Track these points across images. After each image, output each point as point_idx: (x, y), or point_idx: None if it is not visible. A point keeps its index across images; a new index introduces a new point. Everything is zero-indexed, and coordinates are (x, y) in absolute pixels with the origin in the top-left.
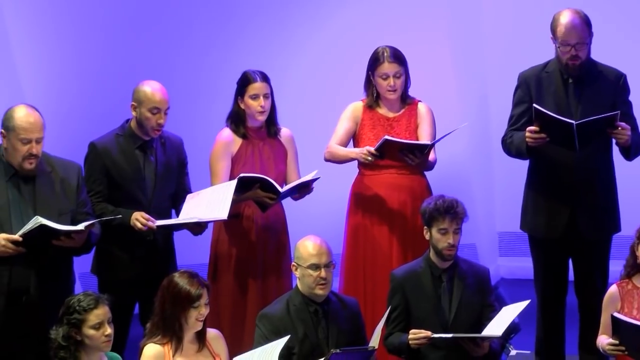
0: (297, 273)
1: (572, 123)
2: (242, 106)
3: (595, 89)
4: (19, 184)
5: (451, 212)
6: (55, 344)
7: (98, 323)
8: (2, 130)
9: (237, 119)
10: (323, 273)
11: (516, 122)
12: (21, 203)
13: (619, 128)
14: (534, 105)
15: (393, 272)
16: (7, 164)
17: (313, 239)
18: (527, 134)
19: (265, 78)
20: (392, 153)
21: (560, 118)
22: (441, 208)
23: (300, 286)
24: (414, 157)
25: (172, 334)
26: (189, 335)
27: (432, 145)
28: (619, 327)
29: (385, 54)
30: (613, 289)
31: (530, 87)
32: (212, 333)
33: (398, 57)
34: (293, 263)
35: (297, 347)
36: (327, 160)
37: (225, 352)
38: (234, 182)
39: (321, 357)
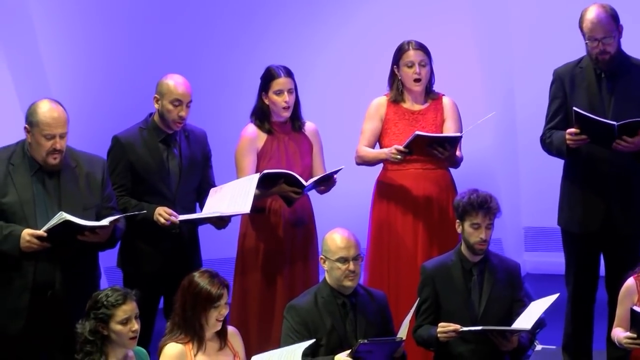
0: (325, 266)
1: (614, 125)
2: (266, 102)
3: (627, 83)
4: (44, 179)
5: (484, 207)
6: (81, 339)
7: (125, 318)
8: (26, 126)
9: (261, 115)
10: (351, 266)
11: (552, 119)
12: (46, 198)
13: None
14: (574, 109)
15: (424, 265)
16: (31, 158)
17: (341, 232)
18: (568, 136)
19: (289, 73)
20: (421, 148)
21: (602, 120)
22: (475, 203)
23: (328, 279)
24: (443, 151)
25: (193, 334)
26: (209, 334)
27: (461, 137)
28: (638, 321)
29: (411, 44)
30: (630, 281)
31: (564, 82)
32: (230, 330)
33: (423, 47)
34: (321, 256)
35: (324, 339)
36: (358, 164)
37: (242, 349)
38: (257, 176)
39: (349, 349)
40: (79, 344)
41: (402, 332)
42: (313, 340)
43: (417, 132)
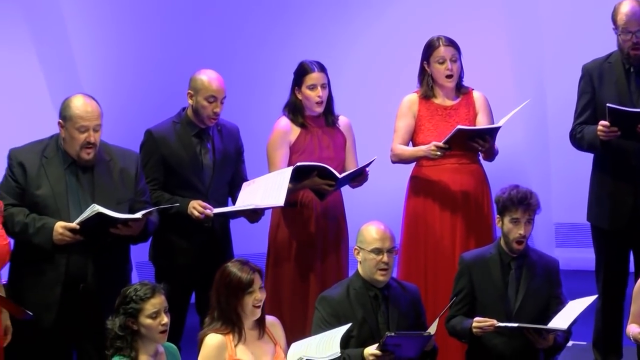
0: (358, 257)
1: None
2: (299, 96)
3: None
4: (77, 173)
5: (524, 202)
6: (111, 334)
7: (155, 312)
8: (60, 120)
9: (294, 109)
10: (385, 258)
11: (581, 115)
12: (79, 191)
13: None
14: (608, 105)
15: (462, 255)
16: (65, 152)
17: (377, 224)
18: (600, 127)
19: (322, 68)
20: (460, 142)
21: (634, 111)
22: (515, 198)
23: (361, 270)
24: (484, 143)
25: (232, 325)
26: (248, 323)
27: (500, 127)
28: None
29: (441, 40)
30: None
31: (593, 77)
32: (270, 320)
33: (453, 42)
34: (355, 247)
35: (355, 330)
36: (394, 162)
37: (284, 339)
38: (290, 169)
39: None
40: (109, 339)
41: (432, 328)
42: (350, 324)
43: (459, 127)
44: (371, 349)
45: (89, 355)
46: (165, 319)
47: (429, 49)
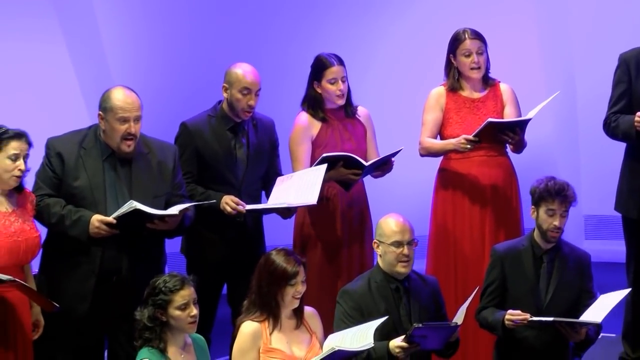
0: (378, 250)
1: None
2: (318, 90)
3: None
4: (116, 165)
5: (562, 194)
6: (140, 325)
7: (184, 304)
8: (100, 112)
9: (314, 103)
10: (405, 250)
11: (616, 104)
12: (117, 184)
13: None
14: None
15: (494, 247)
16: (104, 143)
17: (396, 217)
18: (637, 118)
19: (341, 61)
20: (490, 135)
21: None
22: (552, 189)
23: (381, 263)
24: (514, 135)
25: (269, 311)
26: (286, 313)
27: (530, 119)
28: None
29: (467, 33)
30: None
31: (630, 66)
32: (308, 311)
33: (478, 35)
34: (375, 240)
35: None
36: (422, 156)
37: (321, 330)
38: (324, 167)
39: (402, 334)
40: (138, 330)
41: (459, 318)
42: (386, 317)
43: (490, 119)
44: (397, 341)
45: (121, 346)
46: (194, 311)
47: (455, 42)
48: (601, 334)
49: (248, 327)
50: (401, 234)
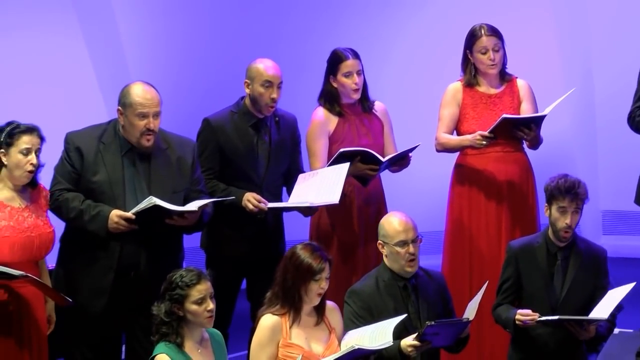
0: (384, 251)
1: None
2: (334, 84)
3: None
4: (135, 160)
5: (572, 192)
6: (157, 320)
7: (200, 298)
8: (119, 107)
9: (330, 98)
10: (411, 248)
11: None
12: (135, 179)
13: None
14: None
15: (510, 243)
16: (123, 139)
17: (398, 215)
18: None
19: (356, 55)
20: (505, 131)
21: None
22: (562, 187)
23: (387, 262)
24: (529, 132)
25: (290, 305)
26: (307, 308)
27: (545, 116)
28: None
29: (483, 29)
30: None
31: None
32: (329, 305)
33: (495, 31)
34: (379, 241)
35: None
36: (438, 151)
37: (341, 325)
38: (347, 165)
39: (412, 331)
40: (155, 325)
41: (470, 313)
42: (405, 316)
43: (505, 115)
44: (408, 340)
45: (138, 341)
46: (211, 305)
47: (472, 38)
48: (619, 330)
49: (268, 321)
50: (405, 233)
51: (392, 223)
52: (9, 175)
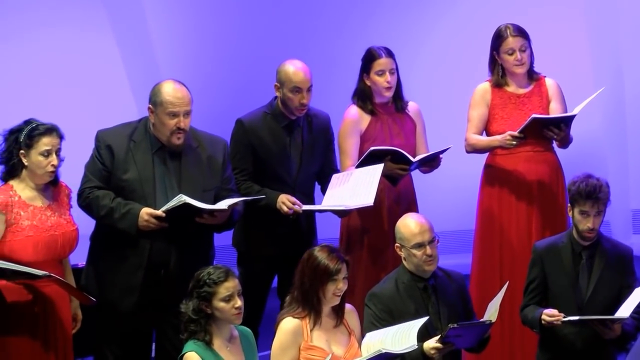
0: (401, 253)
1: None
2: (367, 83)
3: None
4: (165, 158)
5: (593, 196)
6: (185, 318)
7: (228, 295)
8: (150, 106)
9: (363, 96)
10: (428, 250)
11: None
12: (166, 177)
13: None
14: None
15: (535, 244)
16: (153, 137)
17: (414, 217)
18: None
19: (390, 53)
20: (535, 131)
21: None
22: (583, 192)
23: (406, 264)
24: (559, 132)
25: (310, 307)
26: (326, 310)
27: (575, 115)
28: None
29: (509, 30)
30: None
31: None
32: (347, 308)
33: (521, 31)
34: (397, 244)
35: None
36: (468, 152)
37: (359, 327)
38: (381, 166)
39: (433, 332)
40: (183, 323)
41: (492, 315)
42: (427, 318)
43: (534, 116)
44: (431, 343)
45: (168, 339)
46: (238, 302)
47: (498, 39)
48: None
49: (289, 324)
50: (421, 235)
51: (408, 226)
52: (30, 175)
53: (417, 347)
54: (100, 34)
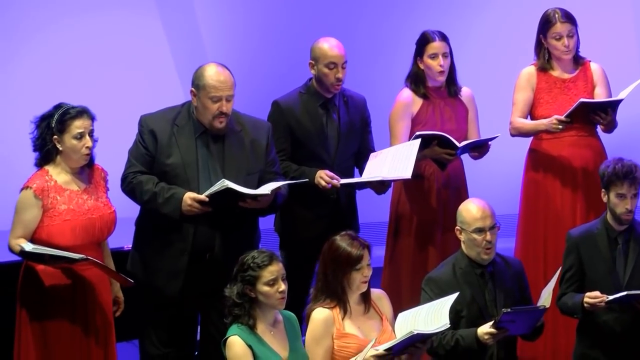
0: (461, 237)
1: None
2: (421, 66)
3: None
4: (208, 142)
5: (630, 177)
6: (229, 302)
7: (272, 280)
8: (193, 89)
9: (416, 79)
10: (488, 236)
11: None
12: (209, 161)
13: None
14: None
15: (569, 232)
16: (196, 121)
17: (477, 202)
18: None
19: (444, 37)
20: (581, 116)
21: None
22: (620, 173)
23: (465, 249)
24: (606, 116)
25: (336, 298)
26: (353, 298)
27: (622, 100)
28: None
29: (557, 15)
30: None
31: None
32: (376, 293)
33: (569, 17)
34: (457, 227)
35: (465, 310)
36: (513, 136)
37: (390, 311)
38: (418, 141)
39: (489, 319)
40: (227, 307)
41: (546, 300)
42: (457, 293)
43: (582, 100)
44: (485, 328)
45: (213, 324)
46: (282, 286)
47: (546, 24)
48: None
49: (320, 314)
50: (482, 220)
51: (470, 210)
52: (66, 159)
53: (448, 326)
54: (146, 17)
